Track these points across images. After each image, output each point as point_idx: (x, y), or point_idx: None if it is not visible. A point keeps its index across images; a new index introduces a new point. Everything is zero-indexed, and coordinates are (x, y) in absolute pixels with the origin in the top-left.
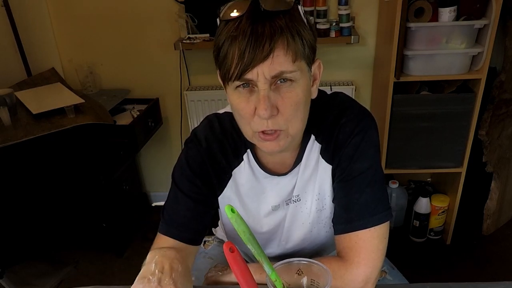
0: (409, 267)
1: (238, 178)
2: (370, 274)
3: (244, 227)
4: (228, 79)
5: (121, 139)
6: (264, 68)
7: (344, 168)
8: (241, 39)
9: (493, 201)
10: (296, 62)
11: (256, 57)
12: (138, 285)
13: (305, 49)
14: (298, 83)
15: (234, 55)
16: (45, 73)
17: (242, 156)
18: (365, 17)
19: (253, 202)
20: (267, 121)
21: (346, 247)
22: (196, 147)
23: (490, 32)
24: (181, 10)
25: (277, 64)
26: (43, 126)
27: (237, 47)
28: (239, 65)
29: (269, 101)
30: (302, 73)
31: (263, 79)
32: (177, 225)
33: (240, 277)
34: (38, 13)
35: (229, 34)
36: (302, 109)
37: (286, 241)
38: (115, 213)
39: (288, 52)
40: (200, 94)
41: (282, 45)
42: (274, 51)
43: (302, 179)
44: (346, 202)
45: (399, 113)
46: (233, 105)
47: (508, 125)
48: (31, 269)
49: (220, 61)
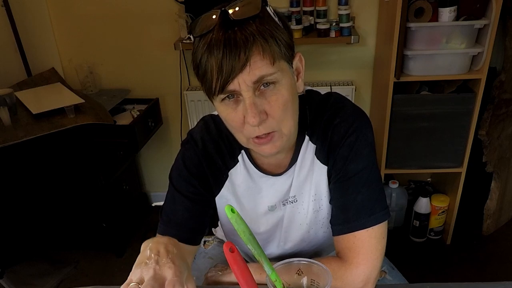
0: (409, 267)
1: (235, 178)
2: (370, 274)
3: (244, 227)
4: (212, 94)
5: (121, 139)
6: (244, 77)
7: (340, 168)
8: (216, 51)
9: (493, 201)
10: (275, 63)
11: (234, 67)
12: (136, 271)
13: (281, 49)
14: (281, 84)
15: (213, 70)
16: (45, 73)
17: (237, 157)
18: (365, 17)
19: (250, 202)
20: (258, 127)
21: (345, 248)
22: (192, 148)
23: (490, 32)
24: (181, 10)
25: (256, 70)
26: (43, 126)
27: (214, 60)
28: (219, 78)
29: (256, 108)
30: (283, 73)
31: (245, 87)
32: (175, 225)
33: (240, 277)
34: (38, 13)
35: (204, 48)
36: (290, 108)
37: (284, 241)
38: (115, 213)
39: (265, 56)
40: (200, 94)
41: (257, 51)
42: (250, 59)
43: (298, 179)
44: (342, 202)
45: (399, 113)
46: (223, 117)
47: (508, 125)
48: (31, 269)
49: (201, 77)
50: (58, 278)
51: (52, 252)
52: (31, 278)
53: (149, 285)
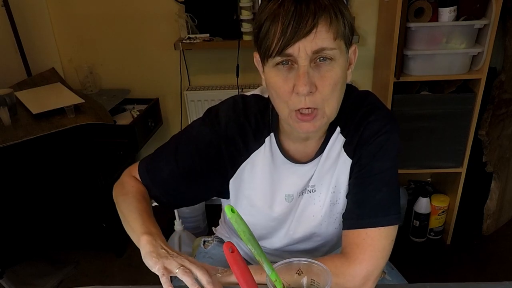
0: (409, 267)
1: (256, 161)
2: (372, 272)
3: (244, 227)
4: (269, 55)
5: (121, 139)
6: (306, 44)
7: (365, 164)
8: (285, 13)
9: (493, 201)
10: (337, 40)
11: (299, 32)
12: (166, 261)
13: (346, 29)
14: (337, 62)
15: (276, 32)
16: (45, 73)
17: (264, 139)
18: (365, 17)
19: (267, 187)
20: (305, 98)
21: (352, 243)
22: (212, 125)
23: (490, 32)
24: (181, 10)
25: (319, 40)
26: (43, 126)
27: (280, 23)
28: (281, 40)
29: (308, 78)
30: (341, 53)
31: (304, 54)
32: (153, 180)
33: (240, 277)
34: (38, 13)
35: (272, 12)
36: (339, 90)
37: (294, 231)
38: (115, 213)
39: (330, 29)
40: (200, 94)
41: (325, 22)
42: (317, 27)
43: (322, 170)
44: (361, 198)
45: (399, 113)
46: (271, 83)
47: (508, 125)
48: (31, 269)
49: (260, 38)
50: (58, 278)
51: (52, 252)
52: (31, 278)
53: (199, 266)
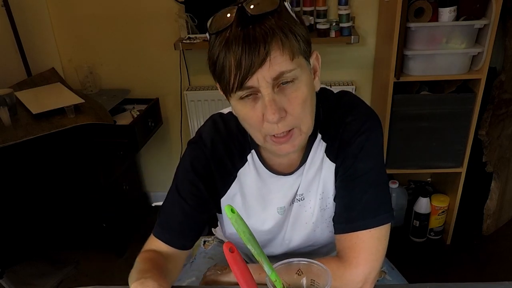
0: (409, 267)
1: (244, 179)
2: (369, 275)
3: (244, 227)
4: (230, 91)
5: (121, 139)
6: (263, 73)
7: (348, 166)
8: (235, 47)
9: (493, 201)
10: (295, 59)
11: (254, 63)
12: None
13: (301, 45)
14: (300, 80)
15: (231, 66)
16: (45, 73)
17: (246, 157)
18: (365, 17)
19: (259, 203)
20: (277, 124)
21: (346, 247)
22: (201, 148)
23: (490, 32)
24: (181, 10)
25: (276, 65)
26: (43, 126)
27: (232, 56)
28: (238, 74)
29: (275, 105)
30: (303, 69)
31: (264, 83)
32: (171, 230)
33: (240, 277)
34: (38, 13)
35: (222, 45)
36: (309, 105)
37: (289, 240)
38: (115, 213)
39: (284, 51)
40: (200, 94)
41: (277, 46)
42: (270, 54)
43: (307, 178)
44: (348, 201)
45: (399, 113)
46: (240, 115)
47: (508, 125)
48: (31, 269)
49: (218, 74)
50: (58, 278)
51: (52, 252)
52: (31, 278)
53: None
